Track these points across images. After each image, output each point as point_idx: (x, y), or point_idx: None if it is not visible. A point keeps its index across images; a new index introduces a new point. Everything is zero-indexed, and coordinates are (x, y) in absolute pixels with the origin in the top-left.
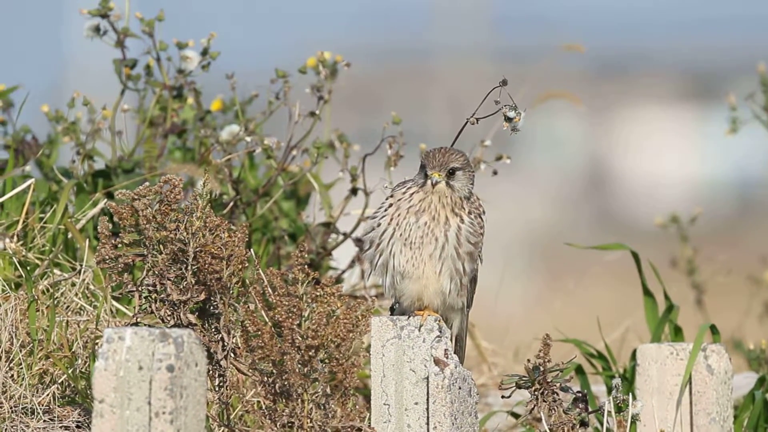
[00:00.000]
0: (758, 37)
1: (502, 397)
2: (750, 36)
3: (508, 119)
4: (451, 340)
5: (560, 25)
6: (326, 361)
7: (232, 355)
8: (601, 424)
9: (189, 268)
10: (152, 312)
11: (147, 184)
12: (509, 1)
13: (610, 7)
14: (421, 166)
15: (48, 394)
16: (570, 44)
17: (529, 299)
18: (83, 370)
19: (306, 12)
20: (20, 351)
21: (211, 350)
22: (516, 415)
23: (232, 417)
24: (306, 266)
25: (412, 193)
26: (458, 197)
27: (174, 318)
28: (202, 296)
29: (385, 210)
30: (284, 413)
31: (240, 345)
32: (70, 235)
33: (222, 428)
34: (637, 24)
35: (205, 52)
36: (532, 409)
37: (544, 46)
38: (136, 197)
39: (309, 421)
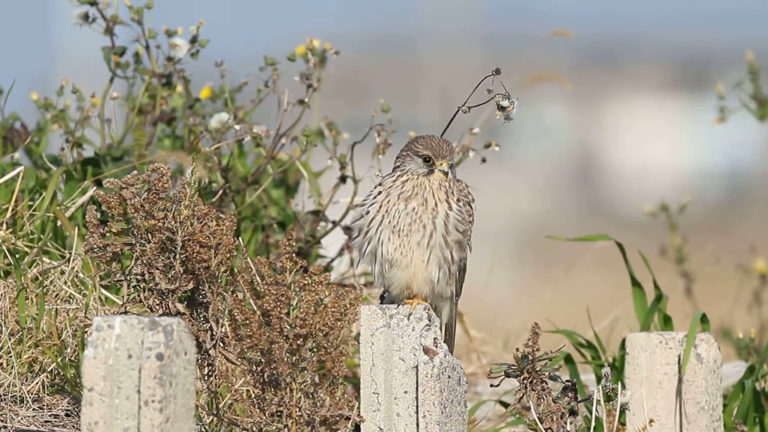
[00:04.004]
0: (748, 27)
1: (491, 386)
2: (740, 25)
3: (502, 108)
4: (440, 328)
5: (550, 12)
6: (315, 349)
7: (221, 344)
8: (591, 413)
9: (177, 257)
10: (141, 301)
11: (135, 172)
12: None
13: None
14: (418, 155)
15: (37, 383)
16: (559, 30)
17: (519, 288)
18: (72, 358)
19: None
20: (9, 339)
21: (200, 339)
22: (505, 404)
23: (221, 406)
24: (294, 255)
25: (405, 181)
26: (452, 184)
27: (162, 307)
28: (191, 285)
29: (374, 197)
30: (273, 402)
31: (228, 334)
32: (59, 223)
33: (211, 417)
34: (627, 13)
35: (194, 40)
36: (521, 397)
37: (533, 35)
38: (124, 186)
39: (298, 410)
